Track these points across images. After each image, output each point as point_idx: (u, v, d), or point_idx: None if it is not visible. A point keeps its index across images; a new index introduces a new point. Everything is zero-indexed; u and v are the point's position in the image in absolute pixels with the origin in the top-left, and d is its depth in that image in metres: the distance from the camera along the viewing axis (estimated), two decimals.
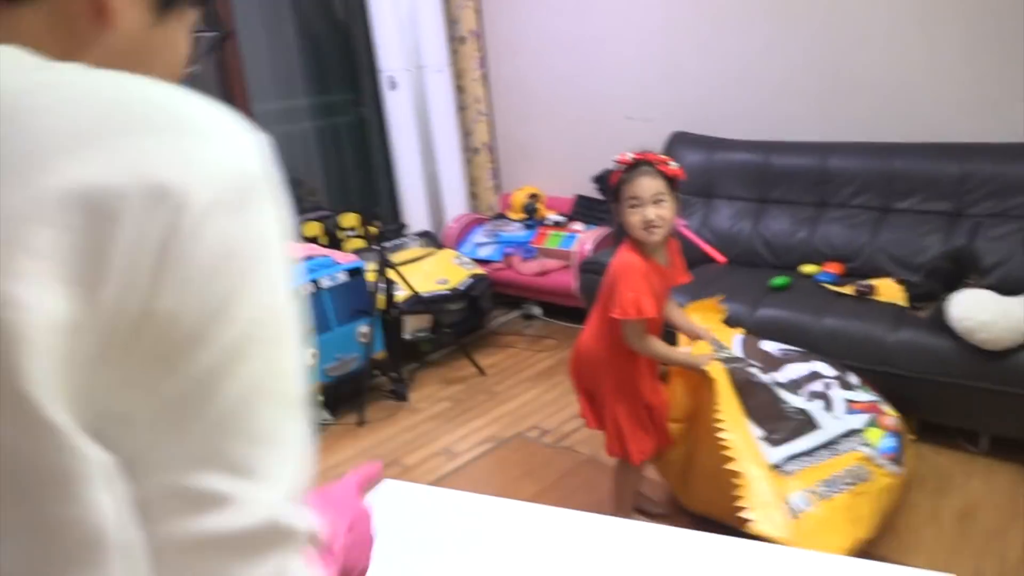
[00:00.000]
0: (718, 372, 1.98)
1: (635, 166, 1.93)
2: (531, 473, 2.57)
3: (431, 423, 2.96)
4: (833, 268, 2.93)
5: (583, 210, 3.94)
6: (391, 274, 3.23)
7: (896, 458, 2.03)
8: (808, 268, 2.95)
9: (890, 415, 2.11)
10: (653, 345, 1.99)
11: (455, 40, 4.37)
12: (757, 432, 1.94)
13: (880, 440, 2.04)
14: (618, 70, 3.83)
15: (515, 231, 4.06)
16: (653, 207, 1.87)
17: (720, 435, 1.89)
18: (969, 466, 2.36)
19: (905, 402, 2.23)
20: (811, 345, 2.36)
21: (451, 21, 4.34)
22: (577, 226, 3.87)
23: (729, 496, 1.83)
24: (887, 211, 2.95)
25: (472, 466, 2.64)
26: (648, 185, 1.89)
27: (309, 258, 3.09)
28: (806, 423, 2.01)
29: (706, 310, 2.36)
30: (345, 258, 3.20)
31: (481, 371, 3.37)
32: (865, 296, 2.65)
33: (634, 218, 1.89)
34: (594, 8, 3.81)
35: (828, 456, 1.97)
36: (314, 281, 2.97)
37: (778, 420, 1.99)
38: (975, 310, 2.22)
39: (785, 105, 3.34)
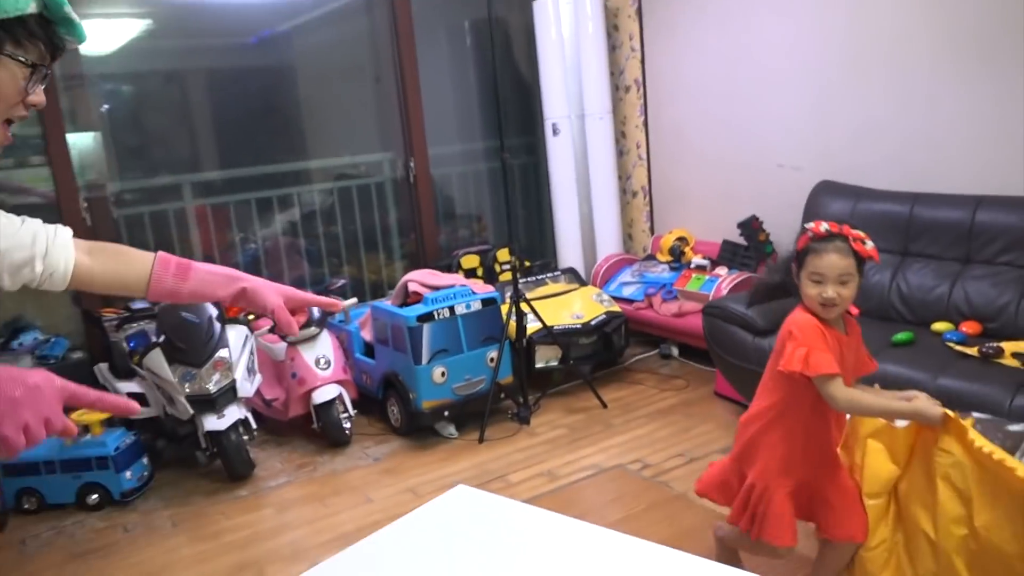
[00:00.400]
0: (956, 417, 1.66)
1: (828, 239, 1.76)
2: (619, 500, 2.68)
3: (544, 447, 3.16)
4: (969, 328, 2.76)
5: (728, 255, 3.96)
6: (524, 306, 3.48)
7: None
8: (939, 326, 2.81)
9: None
10: (858, 396, 1.76)
11: (620, 88, 4.59)
12: None
13: None
14: (771, 118, 3.84)
15: (661, 272, 4.16)
16: (835, 286, 1.73)
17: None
18: None
19: None
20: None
21: (616, 71, 4.57)
22: (720, 270, 3.90)
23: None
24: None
25: (568, 489, 2.79)
26: (836, 264, 1.73)
27: (450, 287, 3.42)
28: None
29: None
30: (483, 288, 3.51)
31: (603, 403, 3.51)
32: (990, 358, 2.49)
33: (813, 291, 1.76)
34: (750, 57, 3.86)
35: None
36: (451, 308, 3.29)
37: None
38: None
39: (934, 154, 3.19)
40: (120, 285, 1.22)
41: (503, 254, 4.30)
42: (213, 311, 3.08)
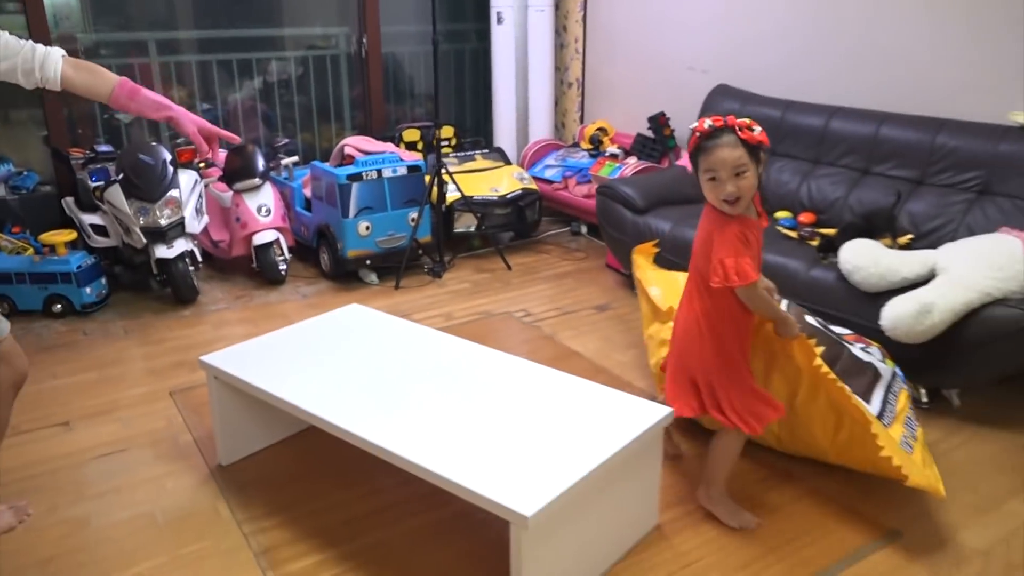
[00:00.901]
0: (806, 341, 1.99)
1: (714, 134, 1.75)
2: (495, 334, 3.24)
3: (448, 296, 3.69)
4: (806, 217, 3.27)
5: (639, 146, 4.41)
6: (446, 177, 3.94)
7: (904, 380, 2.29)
8: (780, 214, 3.32)
9: (877, 344, 2.38)
10: (765, 299, 1.91)
11: None
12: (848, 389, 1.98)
13: (895, 366, 2.31)
14: (688, 24, 4.22)
15: (580, 159, 4.61)
16: (733, 180, 1.74)
17: (847, 395, 1.94)
18: None
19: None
20: None
21: None
22: (631, 160, 4.36)
23: (848, 444, 2.02)
24: (866, 173, 3.23)
25: (458, 326, 3.33)
26: (727, 157, 1.72)
27: (380, 153, 3.87)
28: (876, 374, 2.17)
29: (646, 253, 2.75)
30: (409, 156, 3.96)
31: (508, 266, 4.03)
32: (804, 240, 3.02)
33: (712, 193, 1.78)
34: None
35: (894, 400, 2.14)
36: (379, 171, 3.75)
37: (859, 375, 2.12)
38: (855, 256, 2.58)
39: (807, 68, 3.63)
40: (94, 94, 1.82)
41: (447, 131, 4.72)
42: (167, 155, 3.52)
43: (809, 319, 2.35)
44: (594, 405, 1.97)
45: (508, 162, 4.60)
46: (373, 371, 2.17)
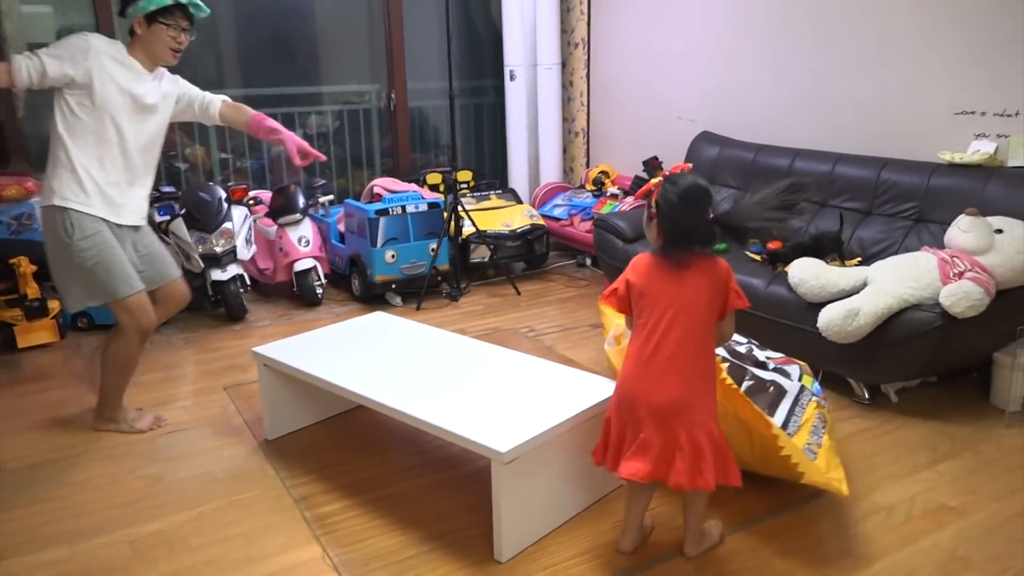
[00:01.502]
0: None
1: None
2: (500, 342, 3.71)
3: (463, 315, 4.20)
4: (774, 244, 3.74)
5: (636, 186, 4.92)
6: (462, 213, 4.49)
7: (824, 396, 2.54)
8: (752, 241, 3.79)
9: (803, 362, 2.71)
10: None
11: (570, 44, 5.51)
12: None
13: (812, 384, 2.55)
14: (676, 78, 4.77)
15: (585, 198, 5.14)
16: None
17: (750, 406, 2.14)
18: None
19: (765, 341, 3.05)
20: None
21: (568, 29, 5.48)
22: (628, 199, 4.88)
23: (763, 456, 2.21)
24: (824, 205, 3.71)
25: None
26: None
27: (405, 191, 4.43)
28: (780, 391, 2.41)
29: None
30: (430, 195, 4.52)
31: (518, 291, 4.54)
32: (766, 263, 3.49)
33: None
34: (666, 29, 4.78)
35: (800, 412, 2.35)
36: (403, 207, 4.31)
37: (762, 393, 2.38)
38: (801, 272, 3.04)
39: (776, 116, 4.14)
40: (238, 125, 2.91)
41: (465, 174, 5.29)
42: (223, 194, 4.11)
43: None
44: (569, 383, 2.45)
45: (520, 201, 5.14)
46: (391, 358, 2.68)
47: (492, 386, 2.44)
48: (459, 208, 4.47)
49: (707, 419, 1.94)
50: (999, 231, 2.83)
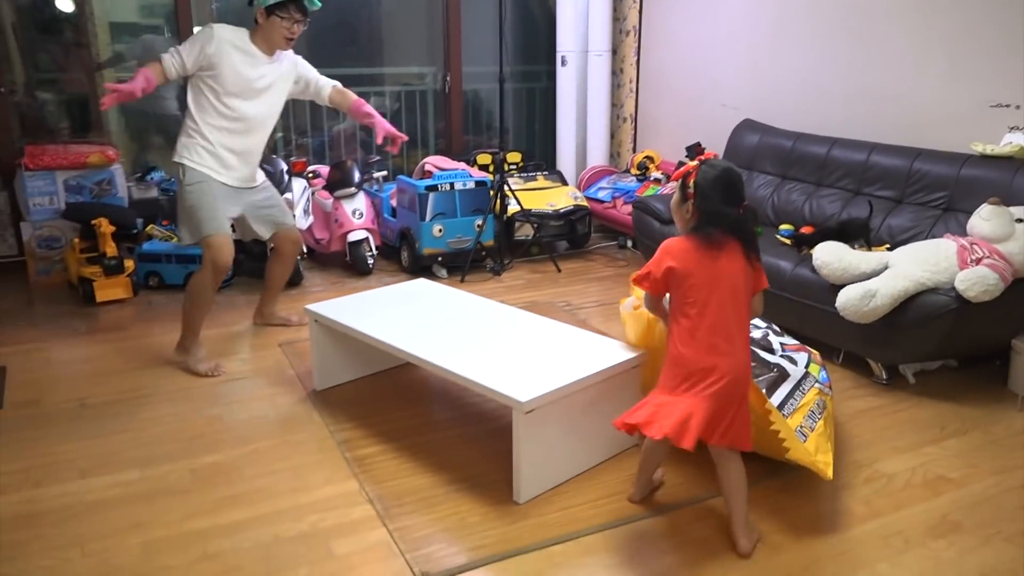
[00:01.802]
0: None
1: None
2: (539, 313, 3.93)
3: (504, 289, 4.41)
4: (807, 229, 3.85)
5: None
6: (507, 192, 4.69)
7: (830, 384, 2.61)
8: (785, 226, 3.91)
9: (815, 351, 2.80)
10: None
11: (621, 32, 5.64)
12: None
13: (819, 372, 2.73)
14: (723, 66, 4.88)
15: (629, 182, 5.30)
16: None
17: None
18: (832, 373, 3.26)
19: (790, 320, 3.18)
20: None
21: (620, 17, 5.61)
22: (671, 184, 5.01)
23: (759, 435, 2.30)
24: (857, 193, 3.80)
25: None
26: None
27: (454, 170, 4.65)
28: (783, 373, 2.45)
29: None
30: (478, 174, 4.73)
31: (558, 269, 4.74)
32: (796, 247, 3.60)
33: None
34: (714, 17, 4.88)
35: (799, 396, 2.40)
36: (451, 184, 4.54)
37: (765, 372, 2.43)
38: (824, 255, 3.16)
39: (815, 105, 4.23)
40: (342, 108, 3.49)
41: (515, 156, 5.49)
42: (284, 166, 4.40)
43: None
44: (591, 346, 2.64)
45: (565, 183, 5.32)
46: (429, 319, 2.91)
47: (520, 346, 2.66)
48: (505, 187, 4.68)
49: (746, 394, 2.12)
50: (1020, 220, 2.91)
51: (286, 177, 4.37)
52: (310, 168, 4.81)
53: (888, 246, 3.44)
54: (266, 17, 3.09)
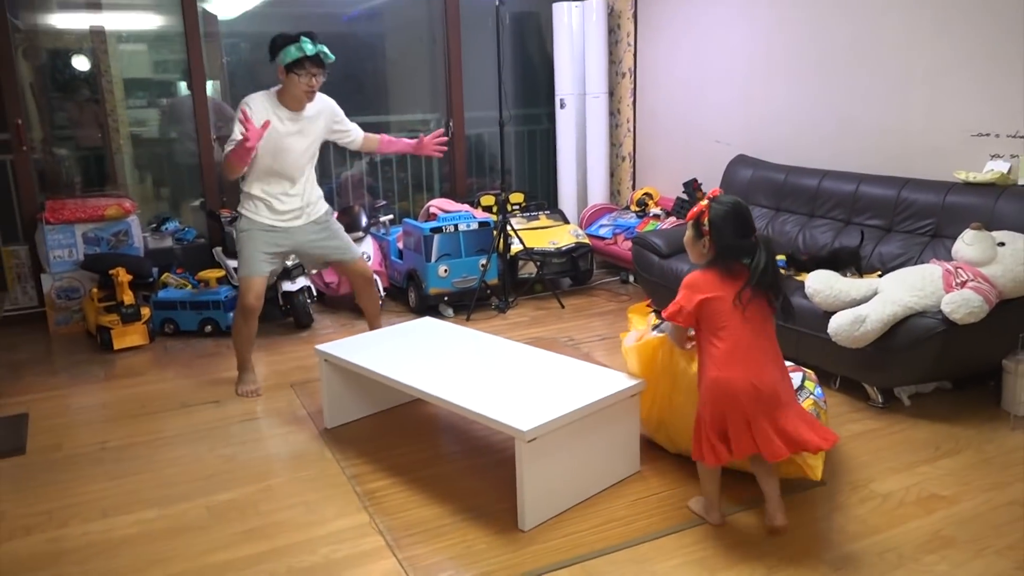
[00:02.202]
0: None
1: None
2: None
3: (509, 326, 4.52)
4: (803, 257, 3.96)
5: (677, 208, 5.18)
6: (510, 231, 4.83)
7: (825, 400, 2.78)
8: (779, 257, 4.01)
9: (811, 371, 2.94)
10: None
11: (617, 74, 5.83)
12: None
13: (815, 388, 2.88)
14: (715, 105, 5.04)
15: (629, 219, 5.43)
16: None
17: None
18: (830, 398, 3.34)
19: (787, 348, 3.26)
20: None
21: (616, 60, 5.80)
22: (670, 219, 5.14)
23: None
24: (848, 223, 3.91)
25: None
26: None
27: (458, 212, 4.80)
28: None
29: (641, 312, 3.11)
30: (482, 215, 4.88)
31: (562, 305, 4.85)
32: (790, 274, 3.71)
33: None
34: (706, 59, 5.06)
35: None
36: (455, 225, 4.68)
37: None
38: (815, 283, 3.26)
39: (806, 139, 4.37)
40: (371, 151, 3.87)
41: (517, 196, 5.63)
42: None
43: None
44: (590, 376, 2.74)
45: (567, 221, 5.46)
46: (436, 354, 3.02)
47: (522, 378, 2.76)
48: (508, 227, 4.82)
49: (793, 397, 2.32)
50: (1002, 244, 3.01)
51: None
52: None
53: (880, 273, 3.54)
54: (286, 75, 3.30)
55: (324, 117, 3.56)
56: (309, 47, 3.25)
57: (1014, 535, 2.31)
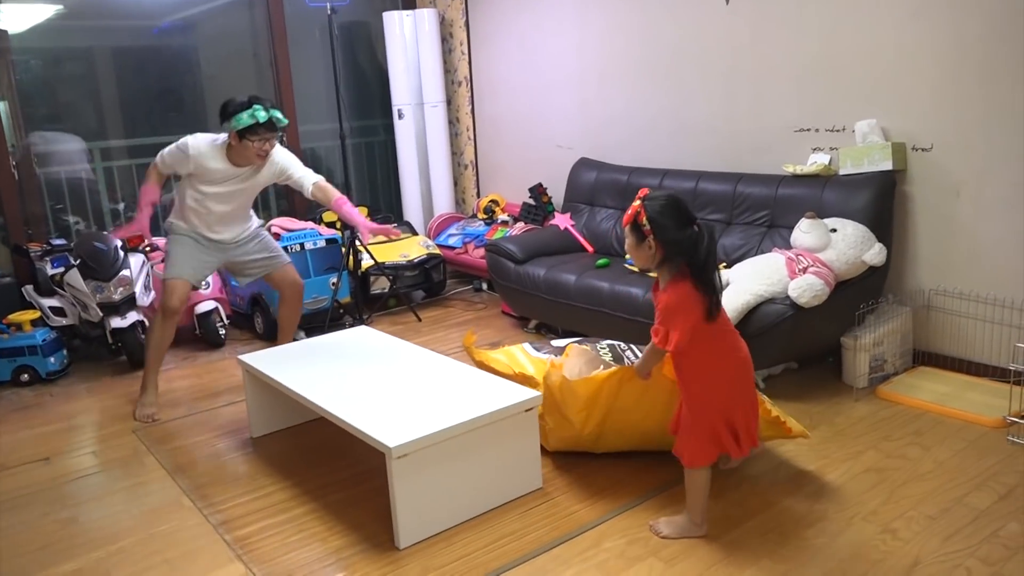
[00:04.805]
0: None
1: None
2: None
3: None
4: None
5: (525, 213, 5.22)
6: (360, 247, 4.66)
7: None
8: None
9: None
10: None
11: (453, 83, 5.79)
12: None
13: None
14: (553, 110, 5.12)
15: (478, 227, 5.40)
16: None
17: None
18: None
19: (641, 336, 3.35)
20: (603, 302, 3.65)
21: (451, 69, 5.77)
22: (518, 225, 5.16)
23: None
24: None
25: None
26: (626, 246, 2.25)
27: (301, 230, 4.57)
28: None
29: (471, 341, 3.15)
30: (327, 231, 4.68)
31: (418, 318, 4.74)
32: (644, 272, 3.81)
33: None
34: (539, 65, 5.13)
35: None
36: (301, 244, 4.45)
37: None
38: None
39: (645, 140, 4.53)
40: (325, 203, 3.54)
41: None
42: (118, 242, 4.15)
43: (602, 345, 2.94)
44: (478, 386, 2.66)
45: (415, 233, 5.36)
46: (350, 365, 2.87)
47: (420, 389, 2.69)
48: (356, 242, 4.65)
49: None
50: (834, 230, 3.24)
51: (121, 254, 4.12)
52: (147, 241, 4.56)
53: (724, 264, 3.71)
54: (238, 140, 3.27)
55: (271, 170, 3.51)
56: (262, 114, 3.21)
57: (875, 500, 2.48)
